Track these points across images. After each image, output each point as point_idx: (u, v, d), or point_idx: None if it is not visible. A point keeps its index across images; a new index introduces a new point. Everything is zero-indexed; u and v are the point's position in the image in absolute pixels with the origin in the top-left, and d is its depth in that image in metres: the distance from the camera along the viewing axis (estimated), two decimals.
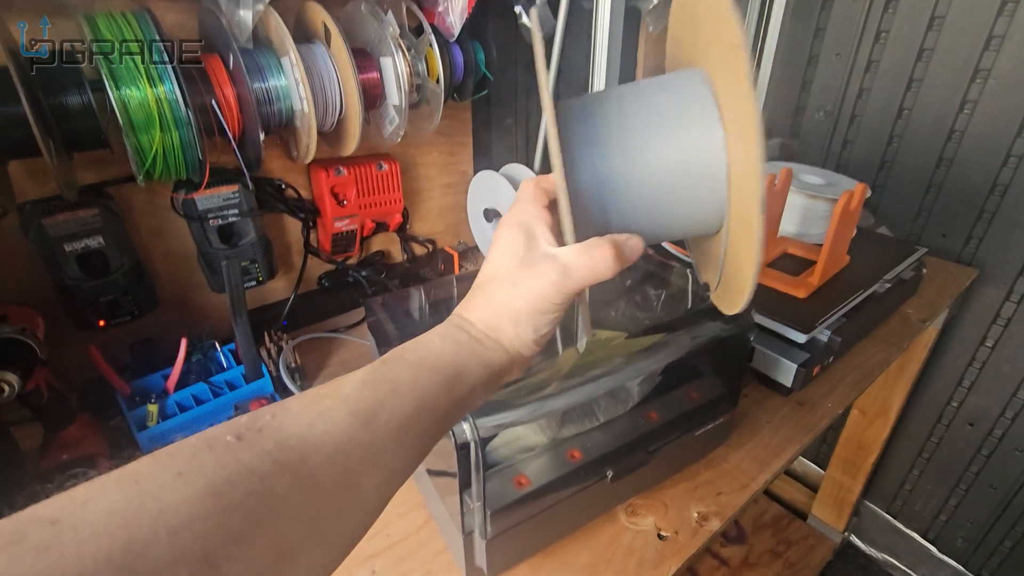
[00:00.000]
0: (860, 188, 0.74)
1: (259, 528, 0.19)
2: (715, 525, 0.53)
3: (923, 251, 0.87)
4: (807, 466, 1.48)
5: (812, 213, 0.89)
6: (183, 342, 0.62)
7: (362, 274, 0.85)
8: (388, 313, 0.53)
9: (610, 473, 0.49)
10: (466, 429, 0.39)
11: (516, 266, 0.31)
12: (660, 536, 0.52)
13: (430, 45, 0.69)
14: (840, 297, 0.73)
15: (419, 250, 0.95)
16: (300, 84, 0.60)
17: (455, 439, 0.39)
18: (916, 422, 1.23)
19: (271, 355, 0.70)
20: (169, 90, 0.52)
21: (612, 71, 0.82)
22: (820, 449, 1.45)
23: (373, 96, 0.69)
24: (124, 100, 0.50)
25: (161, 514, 0.17)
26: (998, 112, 0.95)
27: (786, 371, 0.66)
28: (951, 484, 1.22)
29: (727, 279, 0.37)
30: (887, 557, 1.38)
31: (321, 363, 0.76)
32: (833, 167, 1.20)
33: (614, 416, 0.52)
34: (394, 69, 0.66)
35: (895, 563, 1.37)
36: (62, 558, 0.15)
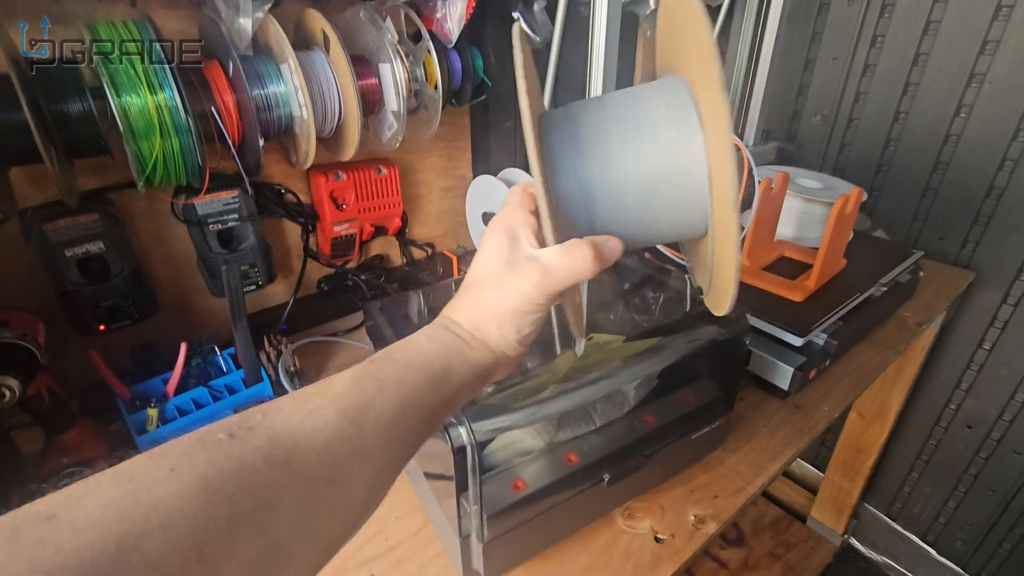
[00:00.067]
0: (856, 192, 0.75)
1: (250, 522, 0.20)
2: (712, 528, 0.53)
3: (920, 254, 0.87)
4: (806, 469, 1.48)
5: (809, 217, 0.90)
6: (183, 346, 0.63)
7: (361, 278, 0.85)
8: (387, 317, 0.54)
9: (607, 477, 0.49)
10: (463, 433, 0.39)
11: (501, 268, 0.32)
12: (657, 539, 0.52)
13: (428, 51, 0.70)
14: (837, 300, 0.73)
15: (418, 254, 0.95)
16: (299, 91, 0.61)
17: (452, 443, 0.39)
18: (914, 425, 1.23)
19: (270, 359, 0.70)
20: (169, 97, 0.52)
21: (609, 76, 0.82)
22: (819, 452, 1.45)
23: (372, 102, 0.69)
24: (125, 107, 0.51)
25: (155, 508, 0.18)
26: (994, 116, 0.95)
27: (783, 374, 0.67)
28: (950, 487, 1.22)
29: (715, 281, 0.37)
30: (886, 560, 1.38)
31: (320, 367, 0.76)
32: (830, 171, 1.21)
33: (611, 420, 0.52)
34: (392, 75, 0.66)
35: (894, 566, 1.37)
36: (59, 552, 0.16)
